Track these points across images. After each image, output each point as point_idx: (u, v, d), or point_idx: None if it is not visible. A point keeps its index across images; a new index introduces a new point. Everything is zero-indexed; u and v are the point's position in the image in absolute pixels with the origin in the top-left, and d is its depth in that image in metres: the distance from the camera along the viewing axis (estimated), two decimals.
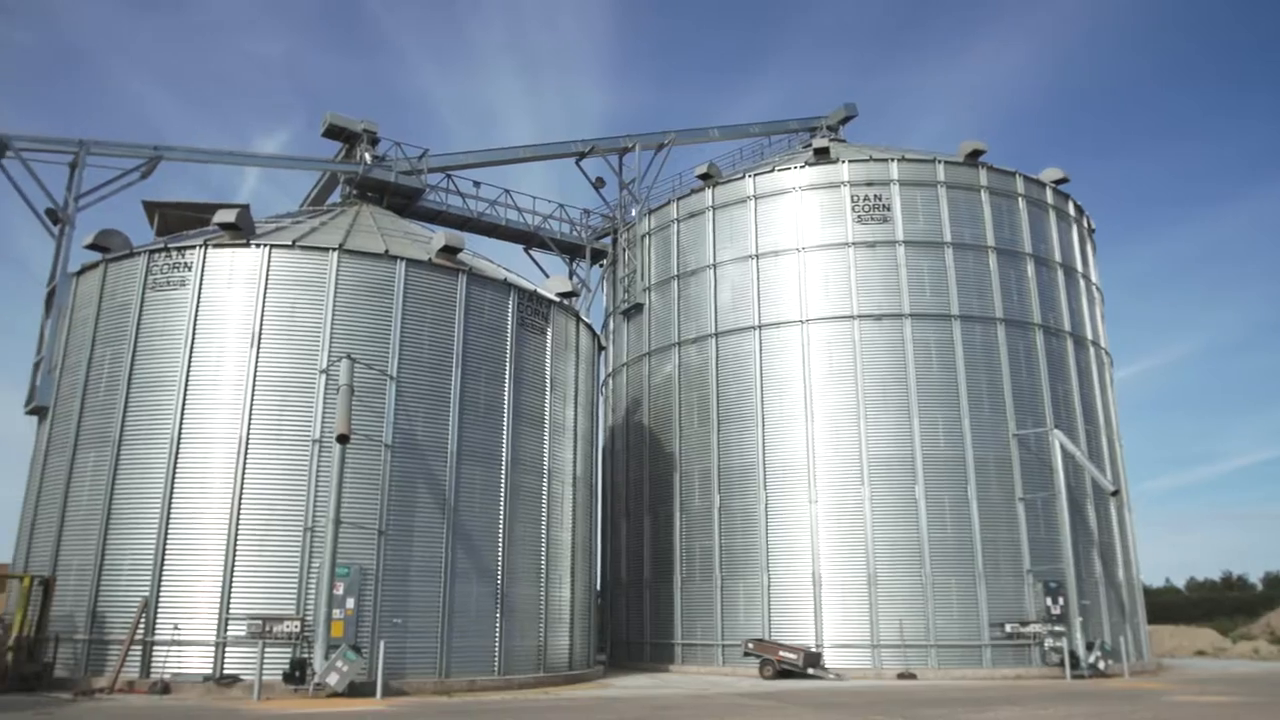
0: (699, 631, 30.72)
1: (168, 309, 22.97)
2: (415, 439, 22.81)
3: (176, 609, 20.73)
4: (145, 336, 22.90)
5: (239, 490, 21.29)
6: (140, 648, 20.45)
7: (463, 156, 35.42)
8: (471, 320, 24.53)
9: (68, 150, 25.96)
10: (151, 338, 22.85)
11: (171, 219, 27.24)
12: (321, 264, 23.20)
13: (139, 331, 22.97)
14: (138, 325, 23.02)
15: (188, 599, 20.76)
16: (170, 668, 20.28)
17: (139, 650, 20.43)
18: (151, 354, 22.71)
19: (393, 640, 20.90)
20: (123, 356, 22.92)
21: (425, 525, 22.46)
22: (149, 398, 22.33)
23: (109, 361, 23.16)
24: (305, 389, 22.17)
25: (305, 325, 22.65)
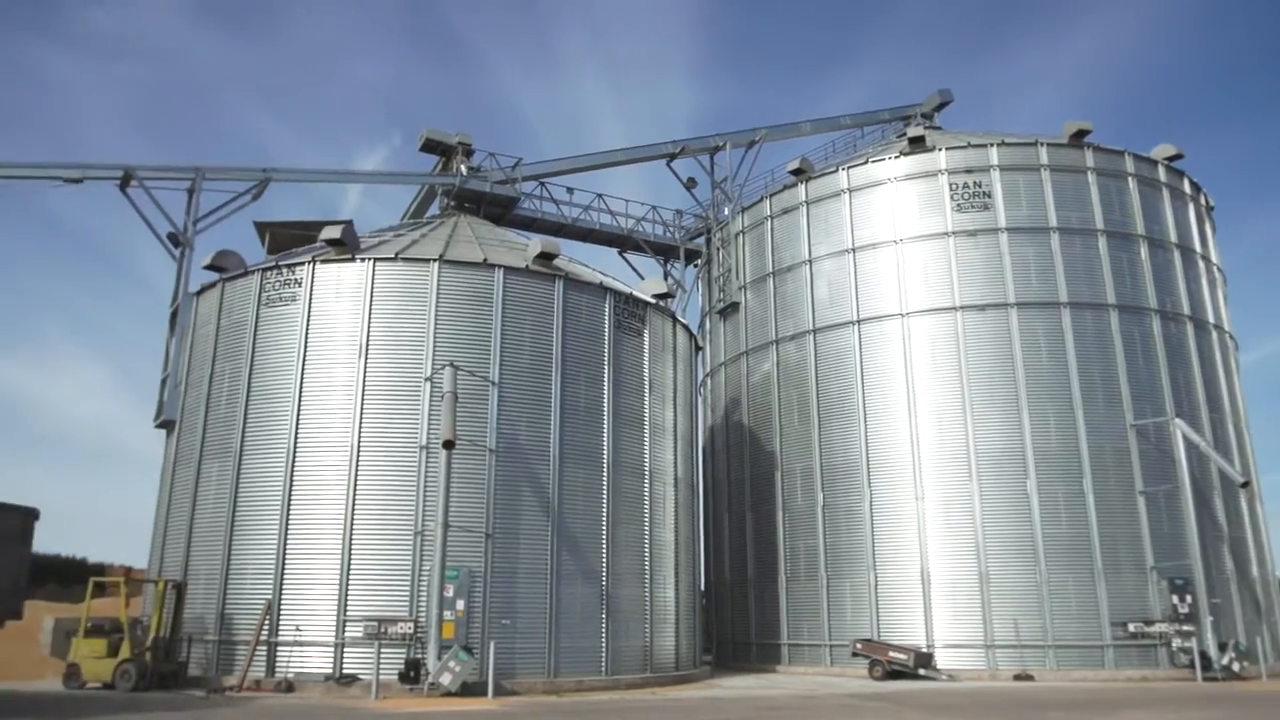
0: (805, 631, 30.39)
1: (281, 324, 23.99)
2: (518, 443, 23.23)
3: (297, 611, 21.62)
4: (261, 351, 23.98)
5: (352, 497, 22.07)
6: (265, 648, 21.40)
7: (554, 164, 35.92)
8: (569, 324, 24.84)
9: (185, 177, 27.39)
10: (266, 352, 23.90)
11: (281, 237, 28.42)
12: (423, 275, 23.85)
13: (255, 346, 24.07)
14: (253, 340, 24.12)
15: (308, 602, 21.62)
16: (294, 667, 21.16)
17: (264, 650, 21.38)
18: (267, 367, 23.76)
19: (502, 641, 21.33)
20: (241, 371, 24.04)
21: (530, 528, 22.85)
22: (266, 409, 23.38)
23: (228, 376, 24.33)
24: (411, 397, 22.84)
25: (409, 335, 23.33)
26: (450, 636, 20.85)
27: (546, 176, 35.66)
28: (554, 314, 24.63)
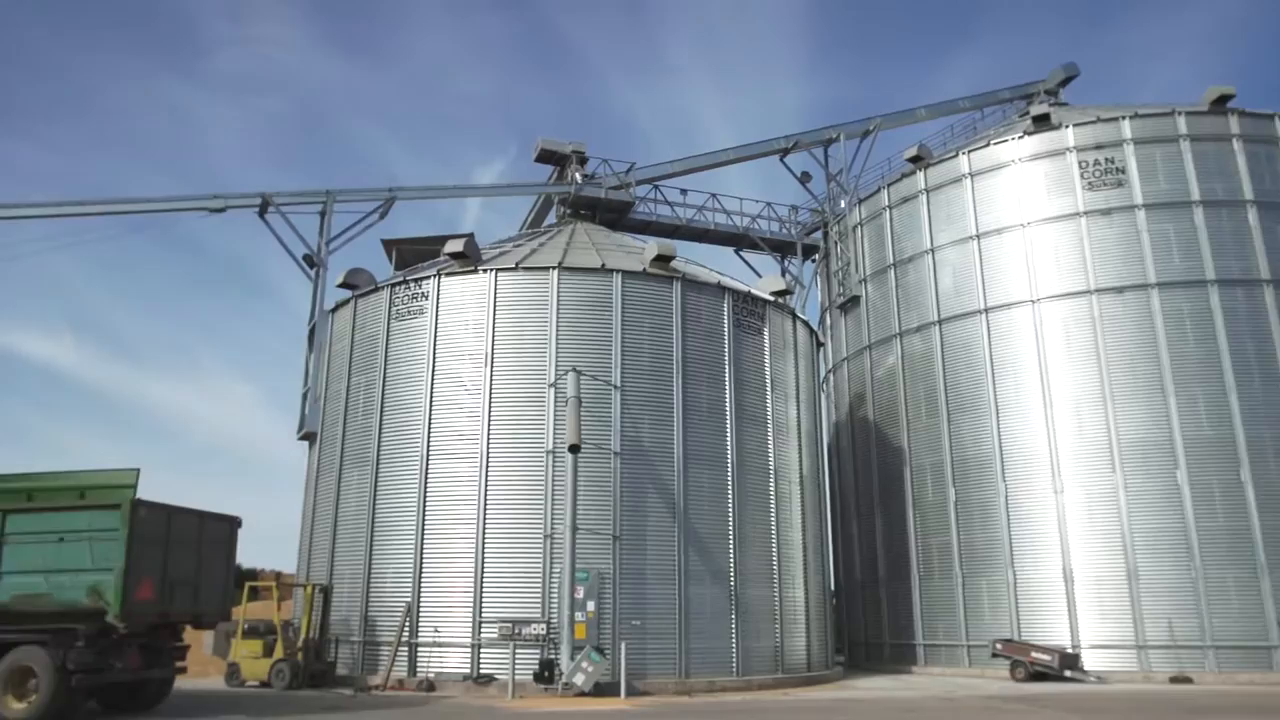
0: (941, 631, 29.52)
1: (410, 336, 24.89)
2: (642, 445, 23.40)
3: (435, 613, 22.37)
4: (393, 363, 24.94)
5: (483, 501, 22.69)
6: (406, 649, 22.23)
7: (667, 166, 36.05)
8: (689, 325, 24.88)
9: (318, 200, 28.76)
10: (398, 363, 24.84)
11: (407, 253, 29.48)
12: (543, 282, 24.32)
13: (387, 359, 25.04)
14: (385, 353, 25.11)
15: (445, 604, 22.35)
16: (433, 667, 21.90)
17: (405, 651, 22.21)
18: (399, 379, 24.69)
19: (633, 642, 21.52)
20: (375, 383, 25.06)
21: (657, 529, 22.98)
22: (399, 419, 24.29)
23: (363, 388, 25.41)
24: (536, 402, 23.31)
25: (532, 341, 23.83)
26: (582, 637, 21.19)
27: (660, 179, 35.84)
28: (673, 315, 24.72)
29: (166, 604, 15.22)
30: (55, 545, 14.31)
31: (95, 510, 14.40)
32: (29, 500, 14.91)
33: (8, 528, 14.56)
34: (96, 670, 14.24)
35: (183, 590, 15.59)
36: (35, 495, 14.98)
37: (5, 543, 14.50)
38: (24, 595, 14.40)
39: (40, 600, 14.34)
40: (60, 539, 14.31)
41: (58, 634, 14.04)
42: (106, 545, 14.10)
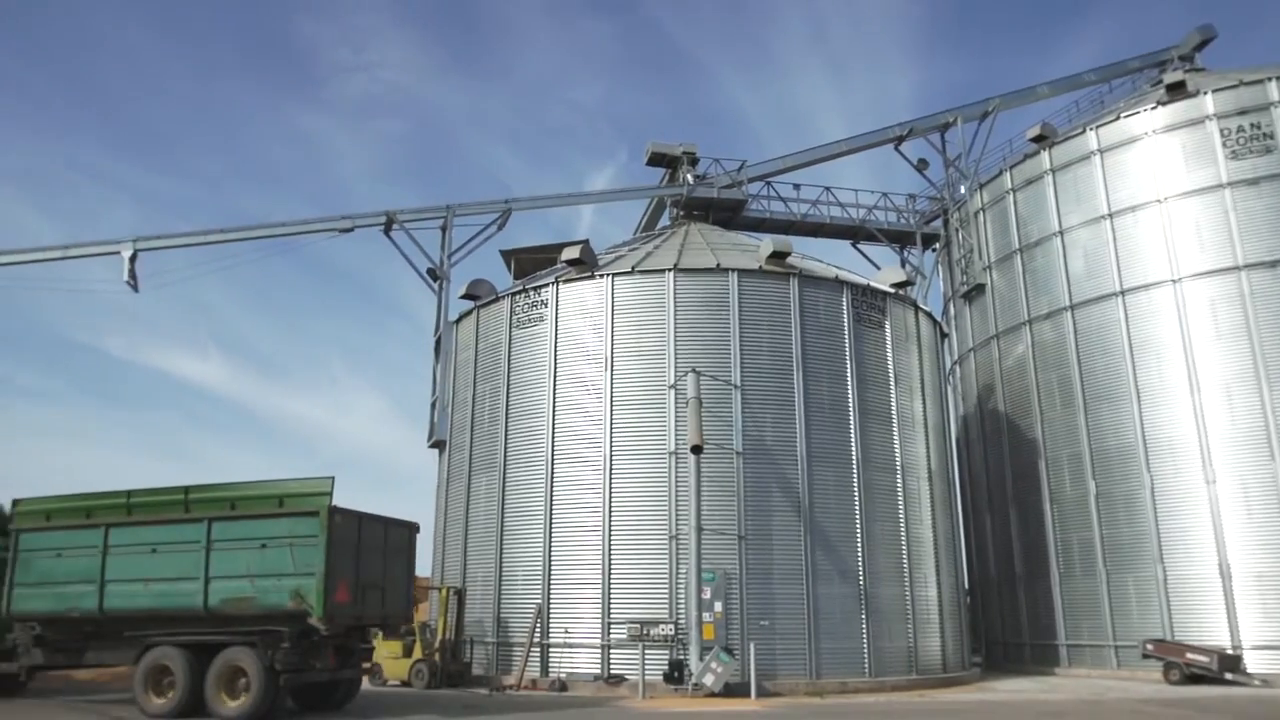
0: (1085, 631, 28.16)
1: (532, 343, 25.41)
2: (765, 444, 23.23)
3: (565, 614, 22.75)
4: (516, 370, 25.51)
5: (608, 504, 22.95)
6: (538, 650, 22.69)
7: (779, 162, 35.66)
8: (807, 321, 24.55)
9: (438, 216, 29.71)
10: (521, 370, 25.40)
11: (524, 262, 30.12)
12: (660, 285, 24.44)
13: (510, 366, 25.64)
14: (508, 361, 25.71)
15: (574, 605, 22.70)
16: (565, 668, 22.28)
17: (537, 652, 22.67)
18: (522, 385, 25.24)
19: (761, 642, 21.38)
20: (499, 390, 25.69)
21: (782, 528, 22.76)
22: (524, 424, 24.83)
23: (489, 396, 26.08)
24: (657, 404, 23.44)
25: (651, 344, 23.97)
26: (710, 638, 21.17)
27: (772, 176, 35.49)
28: (791, 312, 24.44)
29: (360, 607, 15.78)
30: (258, 551, 14.97)
31: (294, 517, 15.02)
32: (232, 509, 15.64)
33: (213, 535, 15.30)
34: (300, 670, 14.87)
35: (372, 593, 16.16)
36: (238, 504, 15.69)
37: (212, 549, 15.23)
38: (232, 599, 15.05)
39: (246, 603, 14.95)
40: (262, 545, 14.97)
41: (264, 635, 14.67)
42: (306, 550, 14.70)
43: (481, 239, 30.49)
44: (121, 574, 15.75)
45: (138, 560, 15.73)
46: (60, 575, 16.21)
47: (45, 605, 16.36)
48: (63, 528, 16.57)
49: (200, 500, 16.00)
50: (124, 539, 15.94)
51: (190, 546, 15.38)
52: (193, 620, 15.36)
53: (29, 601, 16.49)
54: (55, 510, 16.91)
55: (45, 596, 16.31)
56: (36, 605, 16.46)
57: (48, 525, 16.77)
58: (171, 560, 15.51)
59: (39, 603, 16.41)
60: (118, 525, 16.09)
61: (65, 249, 28.55)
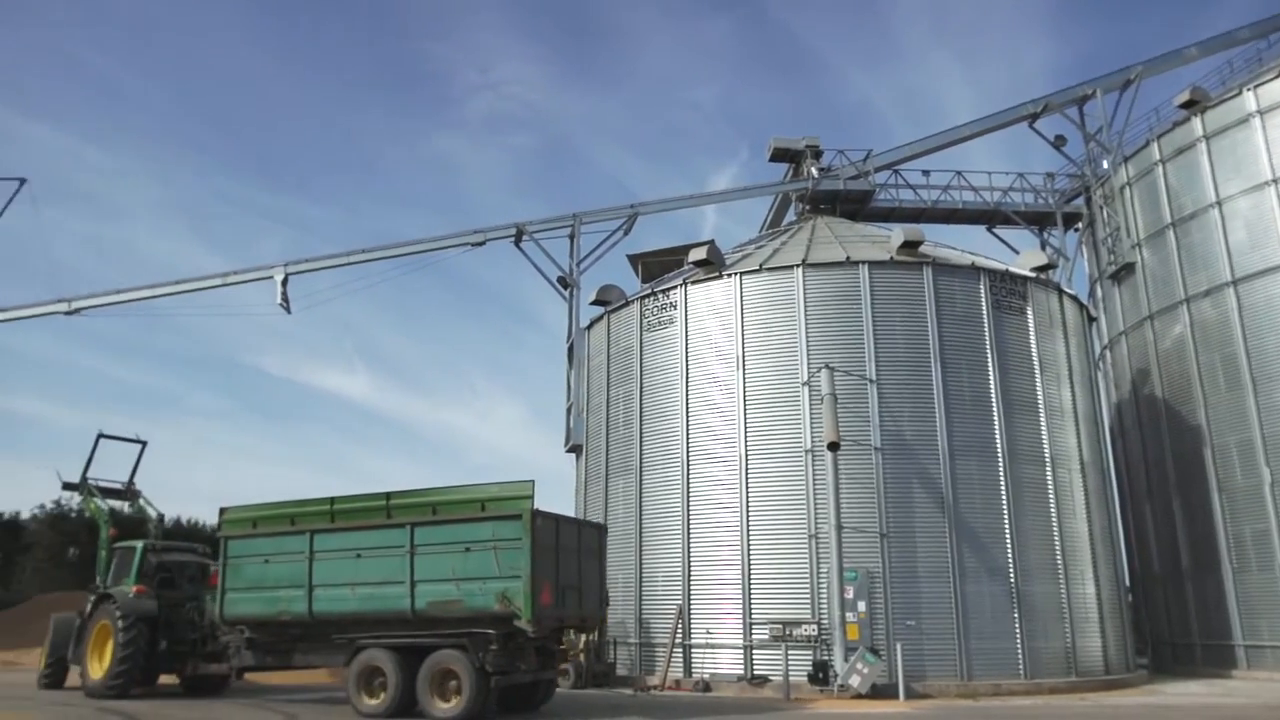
0: (1265, 631, 26.16)
1: (662, 346, 25.60)
2: (903, 439, 22.67)
3: (706, 615, 22.80)
4: (648, 373, 25.75)
5: (745, 503, 22.88)
6: (680, 650, 22.81)
7: (906, 149, 34.73)
8: (943, 311, 23.81)
9: (566, 224, 30.32)
10: (653, 373, 25.62)
11: (651, 265, 30.36)
12: (789, 281, 24.20)
13: (642, 369, 25.89)
14: (640, 364, 25.98)
15: (714, 605, 22.73)
16: (707, 668, 22.32)
17: (679, 653, 22.79)
18: (655, 388, 25.45)
19: (908, 642, 20.87)
20: (633, 394, 25.99)
21: (926, 525, 22.15)
22: (658, 427, 25.04)
23: (622, 399, 26.43)
24: (791, 402, 23.21)
25: (782, 341, 23.76)
26: (855, 638, 20.80)
27: (899, 164, 34.61)
28: (925, 302, 23.76)
29: (561, 608, 15.87)
30: (462, 554, 15.14)
31: (497, 521, 15.07)
32: (433, 514, 15.80)
33: (416, 540, 15.53)
34: (507, 671, 15.02)
35: (571, 595, 16.22)
36: (439, 509, 15.83)
37: (416, 553, 15.45)
38: (438, 602, 15.23)
39: (453, 606, 15.10)
40: (466, 549, 15.14)
41: (473, 638, 14.90)
42: (511, 554, 14.78)
43: (609, 245, 30.97)
44: (328, 578, 16.17)
45: (343, 565, 16.12)
46: (269, 580, 16.74)
47: (256, 609, 16.90)
48: (269, 534, 17.11)
49: (401, 506, 16.26)
50: (329, 544, 16.36)
51: (394, 551, 15.65)
52: (399, 623, 15.61)
53: (240, 605, 17.08)
54: (261, 518, 17.47)
55: (255, 600, 16.87)
56: (247, 609, 17.02)
57: (254, 532, 17.33)
58: (376, 564, 15.81)
59: (249, 606, 16.98)
60: (322, 531, 16.50)
61: (225, 276, 30.53)
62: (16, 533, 63.63)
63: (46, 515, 62.31)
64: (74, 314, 30.97)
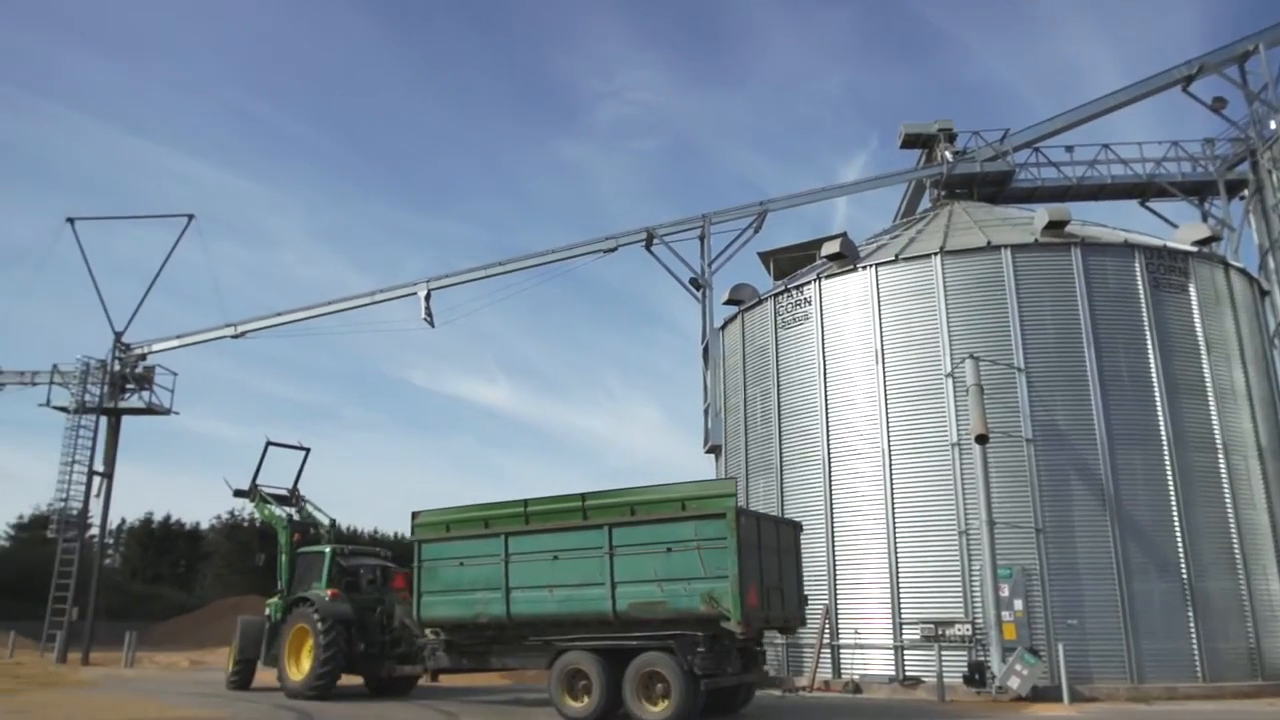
0: None
1: (798, 343, 25.29)
2: (1057, 428, 21.63)
3: (854, 614, 22.39)
4: (784, 371, 25.49)
5: (890, 500, 22.34)
6: (828, 651, 22.46)
7: (1047, 125, 33.10)
8: (1095, 292, 22.57)
9: (695, 226, 30.36)
10: (790, 371, 25.34)
11: (783, 262, 30.06)
12: (926, 271, 23.50)
13: (778, 367, 25.65)
14: (776, 362, 25.74)
15: (862, 605, 22.29)
16: (856, 669, 21.90)
17: (827, 653, 22.44)
18: (792, 386, 25.17)
19: (1070, 642, 19.86)
20: (770, 392, 25.78)
21: (1085, 519, 21.06)
22: (797, 425, 24.74)
23: (759, 398, 26.26)
24: (934, 395, 22.52)
25: (922, 333, 23.09)
26: (1012, 638, 19.98)
27: (1039, 141, 33.03)
28: (1075, 284, 22.59)
29: (767, 609, 15.57)
30: (664, 555, 14.71)
31: (700, 520, 14.59)
32: (631, 514, 15.41)
33: (615, 541, 15.19)
34: (715, 675, 14.49)
35: (774, 595, 15.80)
36: (637, 509, 15.43)
37: (615, 555, 15.11)
38: (640, 603, 14.83)
39: (656, 608, 14.70)
40: (668, 549, 14.70)
41: (680, 640, 14.45)
42: (715, 553, 14.30)
43: (739, 244, 30.83)
44: (525, 581, 16.00)
45: (540, 567, 15.90)
46: (465, 583, 16.65)
47: (452, 612, 16.88)
48: (463, 537, 17.02)
49: (597, 507, 15.93)
50: (524, 547, 16.18)
51: (592, 552, 15.35)
52: (599, 625, 15.31)
53: (436, 608, 17.10)
54: (454, 521, 17.42)
55: (452, 603, 16.84)
56: (443, 612, 17.03)
57: (448, 536, 17.27)
58: (574, 566, 15.54)
59: (446, 609, 16.98)
60: (517, 534, 16.33)
61: (372, 295, 32.05)
62: (196, 542, 68.70)
63: (223, 525, 67.09)
64: (240, 337, 33.19)
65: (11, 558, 56.02)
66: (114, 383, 32.73)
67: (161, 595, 58.15)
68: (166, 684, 22.94)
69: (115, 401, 32.76)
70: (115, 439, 32.92)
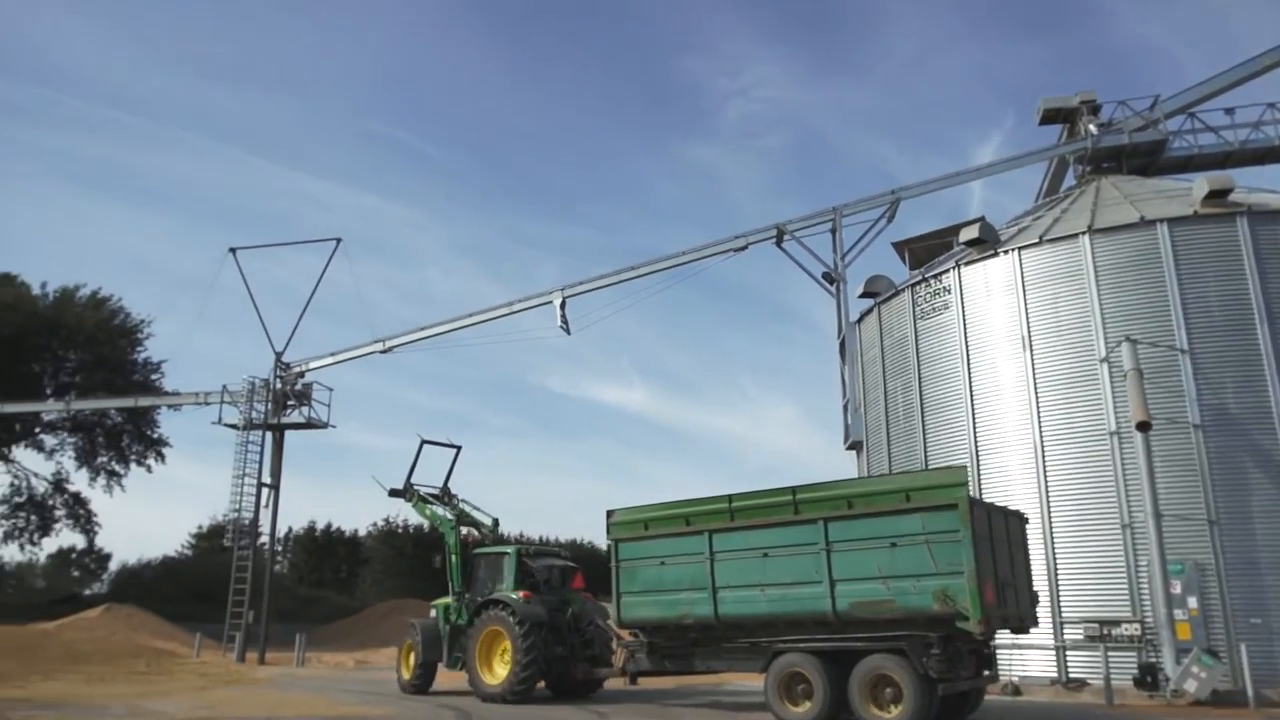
0: None
1: (938, 333, 24.49)
2: (1228, 412, 20.15)
3: None
4: (925, 363, 24.73)
5: (1044, 494, 21.34)
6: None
7: (1201, 88, 30.87)
8: (1267, 264, 20.85)
9: (827, 219, 29.83)
10: (931, 363, 24.57)
11: (919, 251, 29.19)
12: (1074, 251, 22.35)
13: (919, 359, 24.91)
14: (916, 354, 25.00)
15: None
16: (1015, 670, 20.97)
17: None
18: (934, 378, 24.39)
19: (1254, 643, 18.47)
20: (911, 385, 25.07)
21: (1265, 508, 19.50)
22: (941, 418, 23.96)
23: (900, 392, 25.57)
24: (1088, 382, 21.37)
25: (1072, 317, 21.96)
26: (1186, 638, 18.74)
27: (1194, 105, 30.83)
28: (1243, 256, 20.97)
29: (1003, 607, 14.27)
30: (888, 550, 13.79)
31: (927, 512, 13.69)
32: (849, 507, 14.63)
33: (831, 536, 14.39)
34: (951, 679, 13.50)
35: (1009, 592, 14.65)
36: (854, 502, 14.71)
37: (833, 551, 14.31)
38: (864, 602, 13.96)
39: (882, 607, 13.79)
40: (892, 544, 13.80)
41: (912, 641, 13.55)
42: (946, 547, 13.37)
43: (872, 235, 30.08)
44: (733, 580, 15.33)
45: (749, 565, 15.19)
46: (668, 583, 16.09)
47: (655, 612, 16.32)
48: (663, 535, 16.48)
49: (810, 500, 15.15)
50: (730, 544, 15.52)
51: (806, 549, 14.56)
52: (815, 625, 14.55)
53: (637, 609, 16.59)
54: (651, 519, 16.89)
55: (654, 604, 16.31)
56: (645, 613, 16.48)
57: (647, 534, 16.75)
58: (786, 564, 14.79)
59: (648, 610, 16.42)
60: (722, 531, 15.71)
61: (510, 305, 32.94)
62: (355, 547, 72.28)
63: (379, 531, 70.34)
64: (388, 351, 34.73)
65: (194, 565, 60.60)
66: (277, 400, 34.77)
67: (325, 598, 61.43)
68: (334, 682, 24.19)
69: (278, 417, 34.80)
70: (280, 452, 34.97)
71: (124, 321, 51.97)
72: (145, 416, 51.51)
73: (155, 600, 46.25)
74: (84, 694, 18.53)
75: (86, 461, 52.76)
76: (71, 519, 54.39)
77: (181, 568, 61.35)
